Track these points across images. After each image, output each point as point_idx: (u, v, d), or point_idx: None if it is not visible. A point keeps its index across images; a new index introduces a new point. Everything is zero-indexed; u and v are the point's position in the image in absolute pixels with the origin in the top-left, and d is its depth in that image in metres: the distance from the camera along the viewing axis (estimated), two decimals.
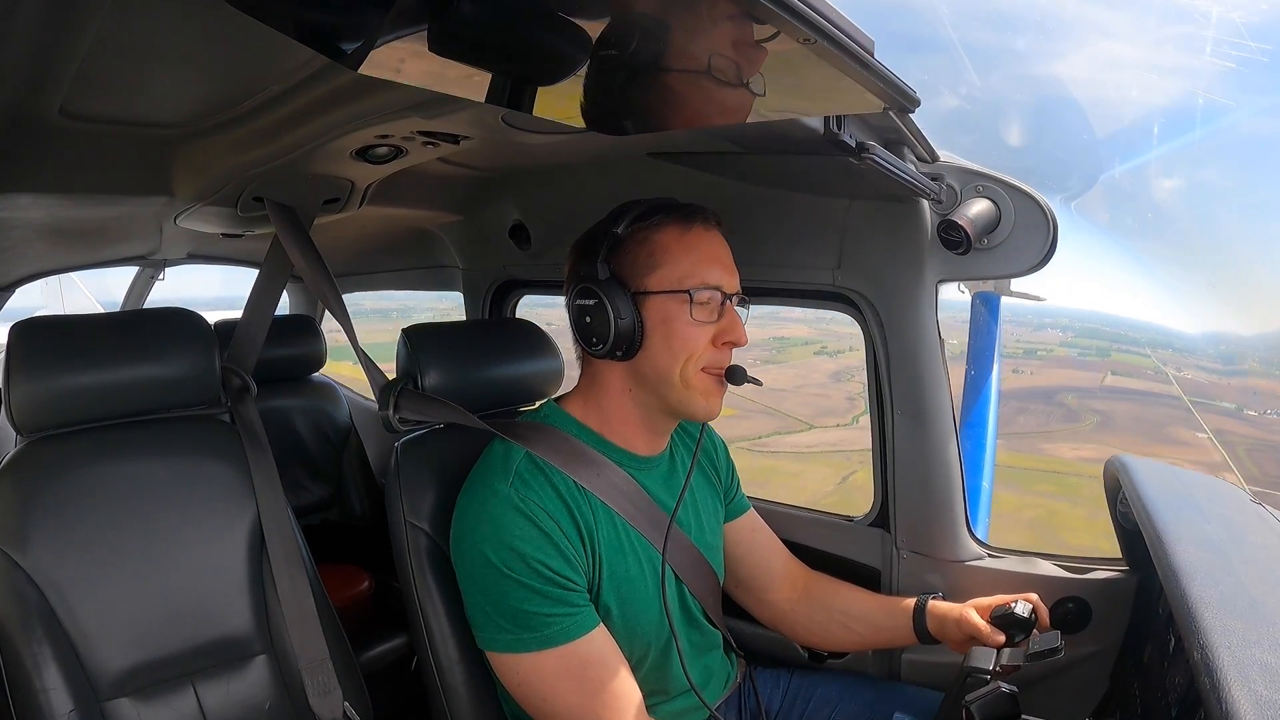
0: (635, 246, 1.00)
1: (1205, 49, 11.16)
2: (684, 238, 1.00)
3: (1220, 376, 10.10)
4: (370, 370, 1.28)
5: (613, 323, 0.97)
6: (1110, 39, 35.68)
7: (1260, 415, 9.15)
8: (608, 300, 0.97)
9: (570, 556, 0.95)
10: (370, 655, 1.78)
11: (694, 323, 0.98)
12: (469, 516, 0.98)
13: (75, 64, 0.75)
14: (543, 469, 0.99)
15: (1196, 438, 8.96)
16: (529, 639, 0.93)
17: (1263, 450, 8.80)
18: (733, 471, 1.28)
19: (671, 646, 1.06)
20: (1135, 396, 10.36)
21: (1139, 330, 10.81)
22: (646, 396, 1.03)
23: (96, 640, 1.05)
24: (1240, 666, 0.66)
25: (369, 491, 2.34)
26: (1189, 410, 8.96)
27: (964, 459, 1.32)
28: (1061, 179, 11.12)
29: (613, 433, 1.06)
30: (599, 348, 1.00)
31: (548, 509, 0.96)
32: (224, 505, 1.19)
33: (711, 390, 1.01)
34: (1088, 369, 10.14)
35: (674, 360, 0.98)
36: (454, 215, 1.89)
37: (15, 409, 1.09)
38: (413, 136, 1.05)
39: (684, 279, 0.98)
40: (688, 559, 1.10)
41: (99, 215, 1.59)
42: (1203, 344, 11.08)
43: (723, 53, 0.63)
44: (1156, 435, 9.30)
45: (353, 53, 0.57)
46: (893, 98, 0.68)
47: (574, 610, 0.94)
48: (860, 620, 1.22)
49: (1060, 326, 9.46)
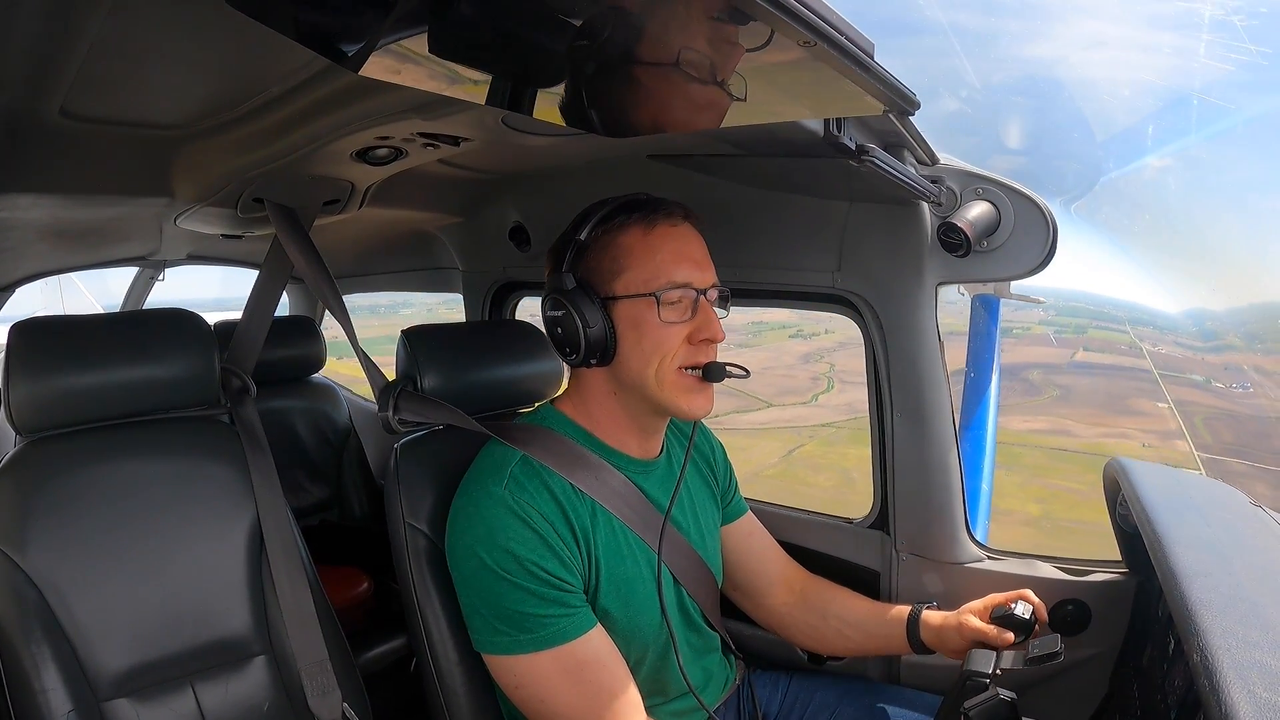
0: (599, 252, 0.99)
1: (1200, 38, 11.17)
2: (647, 238, 0.98)
3: (1197, 352, 10.14)
4: (370, 371, 1.27)
5: (581, 332, 0.96)
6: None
7: (1227, 388, 9.25)
8: (574, 310, 0.96)
9: (565, 558, 0.95)
10: (369, 656, 1.77)
11: (664, 324, 0.96)
12: (463, 519, 0.98)
13: (75, 64, 0.75)
14: (538, 471, 0.99)
15: (1157, 408, 9.01)
16: (525, 640, 0.93)
17: (1221, 419, 8.88)
18: (730, 474, 1.28)
19: (670, 648, 1.06)
20: (1103, 371, 10.41)
21: (1121, 308, 10.81)
22: (629, 399, 1.03)
23: (95, 641, 1.05)
24: (1240, 668, 0.66)
25: (368, 493, 2.34)
26: (1156, 383, 9.02)
27: (963, 461, 1.32)
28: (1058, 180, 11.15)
29: (605, 434, 1.06)
30: (573, 357, 0.99)
31: (542, 511, 0.95)
32: (223, 506, 1.19)
33: (691, 388, 0.99)
34: (1061, 346, 10.17)
35: (647, 363, 0.97)
36: (454, 217, 1.89)
37: (15, 409, 1.09)
38: (413, 138, 1.05)
39: (649, 281, 0.96)
40: (685, 561, 1.10)
41: (99, 216, 1.59)
42: (1183, 321, 11.11)
43: (723, 55, 0.63)
44: (1115, 407, 9.37)
45: (353, 54, 0.57)
46: (892, 100, 0.68)
47: (570, 611, 0.94)
48: (855, 627, 1.22)
49: (1049, 308, 9.49)
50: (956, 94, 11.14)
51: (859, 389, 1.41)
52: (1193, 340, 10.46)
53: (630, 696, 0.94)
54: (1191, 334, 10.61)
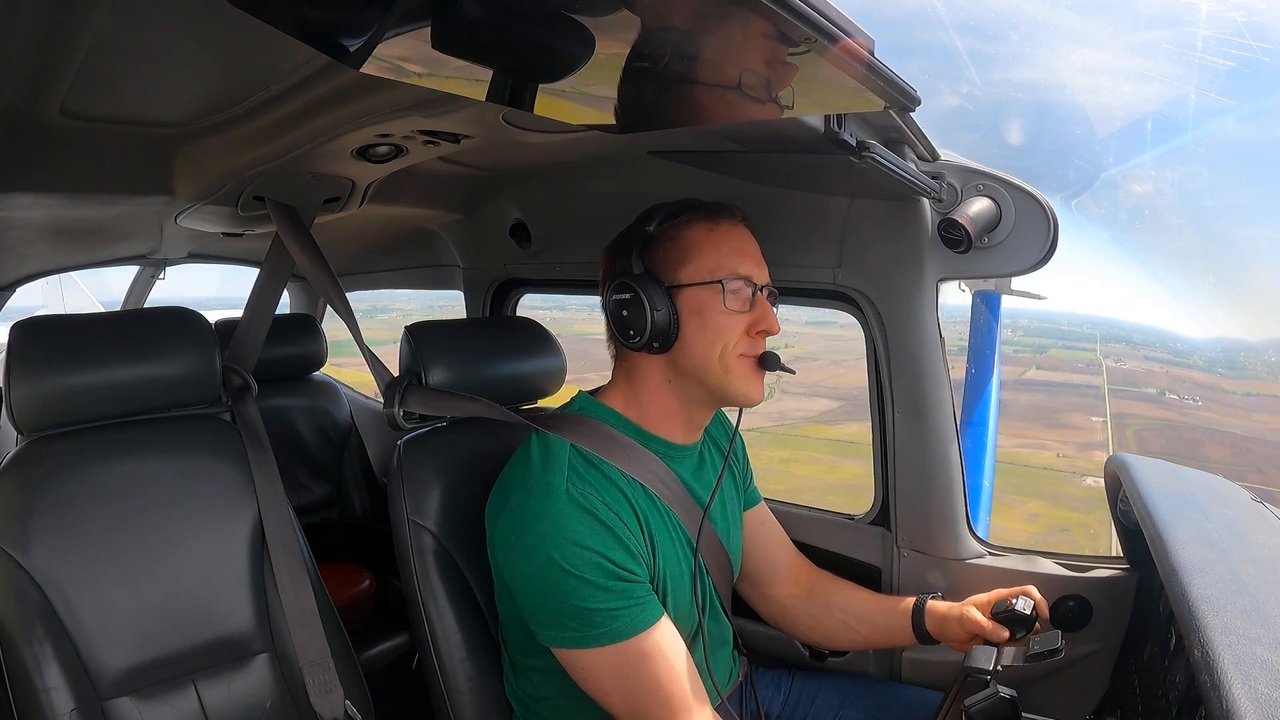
0: (666, 243, 1.01)
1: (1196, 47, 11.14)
2: (712, 232, 1.02)
3: (1163, 365, 10.19)
4: (375, 367, 1.27)
5: (649, 315, 0.98)
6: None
7: (1180, 400, 9.35)
8: (643, 293, 0.98)
9: (632, 548, 0.95)
10: (371, 654, 1.78)
11: (727, 311, 0.99)
12: (526, 516, 0.96)
13: (76, 63, 0.75)
14: (593, 462, 0.99)
15: (1089, 421, 9.08)
16: (593, 635, 0.92)
17: (1156, 430, 8.97)
18: (748, 463, 1.28)
19: (699, 636, 1.06)
20: (1048, 387, 10.44)
21: (1095, 326, 10.87)
22: (686, 387, 1.04)
23: (98, 639, 1.06)
24: (1241, 664, 0.66)
25: (369, 490, 2.34)
26: (1101, 398, 9.08)
27: (964, 457, 1.32)
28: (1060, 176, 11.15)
29: (652, 424, 1.06)
30: (636, 340, 1.00)
31: (607, 501, 0.96)
32: (225, 504, 1.19)
33: (750, 374, 1.02)
34: (1013, 364, 10.23)
35: (710, 348, 1.00)
36: (455, 214, 1.89)
37: (16, 409, 1.09)
38: (413, 135, 1.05)
39: (715, 270, 1.00)
40: (714, 551, 1.11)
41: (99, 215, 1.59)
42: (1153, 337, 11.18)
43: (724, 52, 0.63)
44: (1044, 420, 9.40)
45: (354, 52, 0.57)
46: (893, 96, 0.68)
47: (635, 603, 0.93)
48: (860, 619, 1.22)
49: (1015, 327, 9.60)
50: (957, 90, 11.08)
51: (794, 399, 1.42)
52: (1163, 354, 10.53)
53: (695, 686, 0.95)
54: (1161, 349, 10.68)
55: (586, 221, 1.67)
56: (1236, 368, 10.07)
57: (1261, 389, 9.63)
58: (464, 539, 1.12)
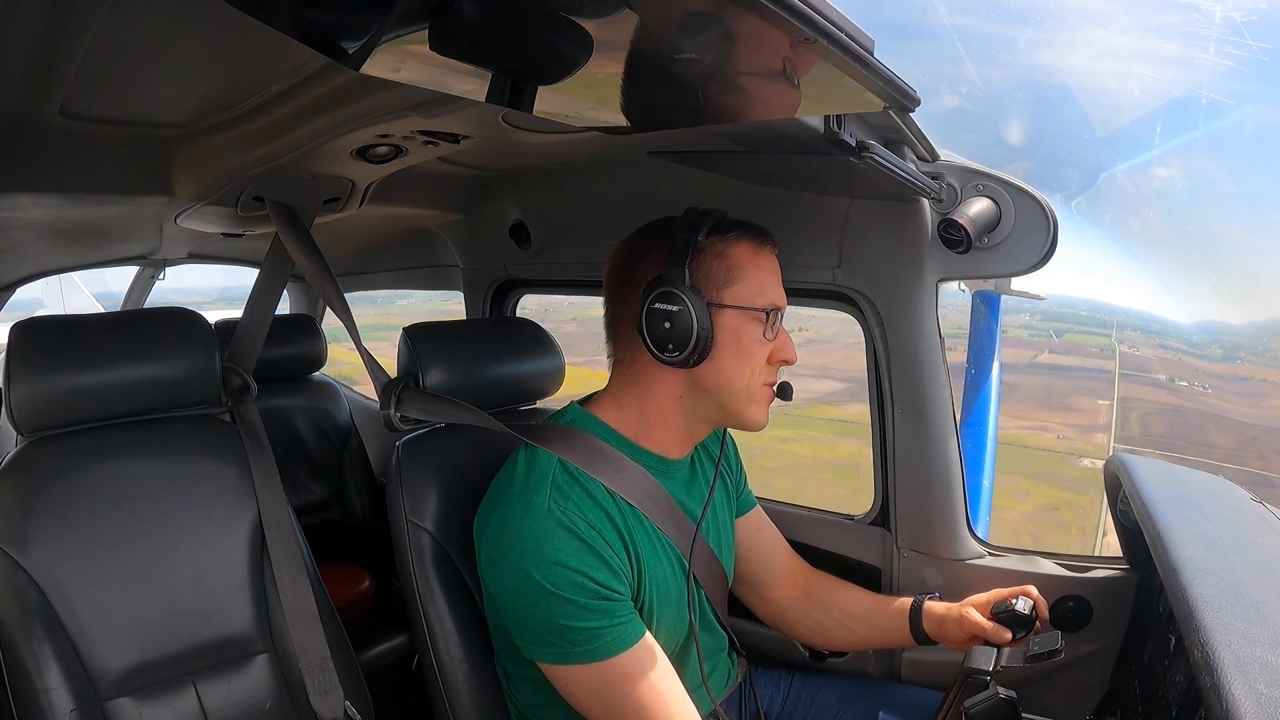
0: (713, 258, 0.99)
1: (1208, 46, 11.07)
2: (757, 256, 1.01)
3: (1174, 353, 10.18)
4: (373, 368, 1.27)
5: (695, 330, 0.95)
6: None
7: (1189, 387, 9.37)
8: (692, 308, 0.95)
9: (615, 566, 0.94)
10: (371, 654, 1.78)
11: (761, 340, 1.00)
12: (508, 533, 0.95)
13: (75, 64, 0.75)
14: (577, 477, 0.97)
15: (1095, 404, 9.06)
16: (575, 653, 0.92)
17: (1159, 414, 8.97)
18: (741, 469, 1.28)
19: (691, 647, 1.06)
20: (1057, 371, 10.41)
21: (1111, 313, 10.84)
22: (700, 404, 1.03)
23: (97, 640, 1.05)
24: (1241, 664, 0.66)
25: (369, 491, 2.34)
26: (1110, 383, 9.08)
27: (964, 457, 1.32)
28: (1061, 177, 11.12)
29: (648, 437, 1.05)
30: (674, 354, 0.97)
31: (588, 519, 0.94)
32: (225, 505, 1.19)
33: (766, 402, 1.04)
34: (1027, 348, 10.19)
35: (739, 373, 0.99)
36: (454, 214, 1.89)
37: (16, 409, 1.09)
38: (413, 136, 1.05)
39: (756, 297, 0.99)
40: (706, 562, 1.10)
41: (99, 215, 1.59)
42: (1169, 328, 11.18)
43: (723, 51, 0.63)
44: (1050, 403, 9.39)
45: (353, 53, 0.57)
46: (893, 97, 0.68)
47: (618, 622, 0.93)
48: (858, 620, 1.22)
49: (1035, 311, 9.57)
50: (957, 90, 11.06)
51: (803, 380, 1.42)
52: (1176, 342, 10.50)
53: (681, 704, 0.94)
54: (1174, 336, 10.65)
55: (586, 222, 1.67)
56: (1262, 353, 10.07)
57: (1268, 375, 9.65)
58: (462, 540, 1.12)
